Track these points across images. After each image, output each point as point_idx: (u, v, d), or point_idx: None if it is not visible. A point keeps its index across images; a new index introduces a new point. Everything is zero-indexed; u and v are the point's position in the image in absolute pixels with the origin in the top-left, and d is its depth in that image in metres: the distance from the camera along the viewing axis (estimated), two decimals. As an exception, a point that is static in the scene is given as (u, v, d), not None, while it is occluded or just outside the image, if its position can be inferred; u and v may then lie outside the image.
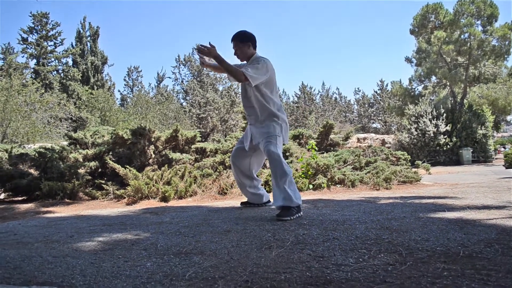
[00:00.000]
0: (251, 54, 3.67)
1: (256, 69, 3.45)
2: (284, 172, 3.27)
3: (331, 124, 9.20)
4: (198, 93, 38.93)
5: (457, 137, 21.24)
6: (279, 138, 3.52)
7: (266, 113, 3.58)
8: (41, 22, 35.55)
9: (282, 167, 3.29)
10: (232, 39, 3.68)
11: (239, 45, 3.65)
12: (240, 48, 3.65)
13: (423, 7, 23.39)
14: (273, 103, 3.61)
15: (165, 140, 7.52)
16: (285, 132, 3.69)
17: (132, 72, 48.58)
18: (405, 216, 3.07)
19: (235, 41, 3.67)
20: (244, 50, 3.66)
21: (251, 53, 3.67)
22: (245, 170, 3.92)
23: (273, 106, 3.60)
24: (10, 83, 18.88)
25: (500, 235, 2.26)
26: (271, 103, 3.59)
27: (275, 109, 3.61)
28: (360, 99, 55.08)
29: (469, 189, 5.36)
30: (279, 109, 3.65)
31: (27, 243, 2.63)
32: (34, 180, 6.40)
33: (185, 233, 2.72)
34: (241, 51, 3.66)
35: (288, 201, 3.19)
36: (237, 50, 3.67)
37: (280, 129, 3.58)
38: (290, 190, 3.24)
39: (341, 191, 6.20)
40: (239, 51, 3.66)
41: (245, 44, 3.65)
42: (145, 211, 4.32)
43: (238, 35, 3.66)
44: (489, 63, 22.95)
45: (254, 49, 3.69)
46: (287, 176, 3.27)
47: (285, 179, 3.26)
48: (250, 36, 3.68)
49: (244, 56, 3.68)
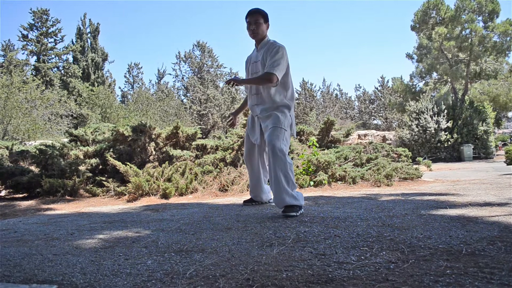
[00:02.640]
0: (265, 36, 3.47)
1: (278, 61, 3.23)
2: (287, 173, 3.11)
3: (332, 120, 9.17)
4: (199, 89, 38.94)
5: (458, 133, 21.20)
6: (286, 132, 3.30)
7: (277, 103, 3.37)
8: (41, 19, 35.53)
9: (286, 167, 3.11)
10: (252, 13, 3.39)
11: (260, 21, 3.39)
12: (260, 25, 3.39)
13: (424, 3, 23.31)
14: (286, 92, 3.40)
15: (165, 137, 7.50)
16: (293, 124, 3.48)
17: (132, 69, 48.58)
18: (407, 213, 3.05)
19: (257, 16, 3.39)
20: (263, 29, 3.42)
21: (265, 35, 3.47)
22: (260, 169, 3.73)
23: (285, 95, 3.40)
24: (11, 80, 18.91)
25: (502, 232, 2.25)
26: (283, 92, 3.39)
27: (287, 99, 3.41)
28: (361, 95, 55.04)
29: (470, 186, 5.34)
30: (291, 98, 3.45)
31: (28, 241, 2.62)
32: (35, 177, 6.39)
33: (186, 231, 2.71)
34: (260, 29, 3.40)
35: (293, 199, 3.11)
36: (256, 26, 3.38)
37: (289, 122, 3.37)
38: (293, 191, 3.15)
39: (342, 188, 6.19)
40: (258, 28, 3.39)
41: (266, 23, 3.45)
42: (145, 208, 4.31)
43: (262, 11, 3.41)
44: (490, 59, 22.87)
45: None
46: (289, 178, 3.13)
47: (288, 180, 3.12)
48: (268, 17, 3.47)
49: (260, 35, 3.42)
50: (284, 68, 3.28)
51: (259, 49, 3.48)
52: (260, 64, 3.41)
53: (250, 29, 3.40)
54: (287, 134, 3.31)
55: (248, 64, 3.66)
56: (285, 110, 3.37)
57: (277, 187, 3.12)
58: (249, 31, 3.42)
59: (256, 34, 3.41)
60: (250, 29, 3.41)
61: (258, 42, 3.48)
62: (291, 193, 3.11)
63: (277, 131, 3.22)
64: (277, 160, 3.11)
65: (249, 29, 3.41)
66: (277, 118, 3.30)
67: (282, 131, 3.24)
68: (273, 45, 3.33)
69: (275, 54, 3.25)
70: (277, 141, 3.16)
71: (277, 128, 3.24)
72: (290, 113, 3.41)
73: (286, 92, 3.40)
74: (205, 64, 43.50)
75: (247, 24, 3.42)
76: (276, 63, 3.21)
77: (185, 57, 44.24)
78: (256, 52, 3.54)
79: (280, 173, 3.10)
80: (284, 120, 3.31)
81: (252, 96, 3.52)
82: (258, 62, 3.44)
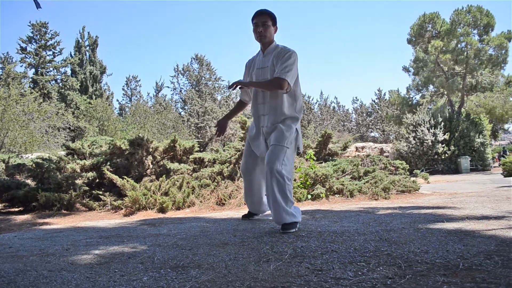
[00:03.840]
0: (273, 40, 3.27)
1: (290, 66, 3.03)
2: (285, 193, 2.98)
3: (330, 133, 9.19)
4: (197, 102, 39.06)
5: (455, 145, 21.26)
6: (289, 150, 3.08)
7: (285, 115, 3.16)
8: (40, 31, 35.68)
9: (284, 188, 2.97)
10: (259, 14, 3.18)
11: (268, 23, 3.18)
12: (268, 27, 3.18)
13: (420, 16, 23.57)
14: (295, 103, 3.20)
15: (163, 150, 7.50)
16: (300, 138, 3.28)
17: (130, 82, 48.68)
18: (404, 227, 3.05)
19: (265, 18, 3.18)
20: (271, 32, 3.21)
21: (273, 39, 3.27)
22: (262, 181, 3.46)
23: (295, 106, 3.20)
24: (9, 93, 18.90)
25: (499, 246, 2.25)
26: (293, 103, 3.19)
27: (297, 111, 3.21)
28: (358, 108, 55.27)
29: (467, 199, 5.34)
30: (300, 110, 3.24)
31: (22, 257, 2.60)
32: (31, 191, 6.36)
33: (183, 246, 2.69)
34: (268, 31, 3.19)
35: (291, 217, 3.03)
36: (264, 28, 3.17)
37: (293, 137, 3.16)
38: (294, 207, 3.09)
39: (339, 201, 6.18)
40: (266, 30, 3.18)
41: (274, 26, 3.25)
42: (142, 223, 4.29)
43: (271, 13, 3.20)
44: (486, 72, 23.06)
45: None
46: (287, 198, 3.00)
47: (286, 197, 3.00)
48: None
49: (268, 38, 3.21)
50: (295, 75, 3.11)
51: (266, 54, 3.25)
52: (269, 70, 3.19)
53: (257, 31, 3.19)
54: (289, 151, 3.09)
55: (250, 68, 3.41)
56: (292, 124, 3.16)
57: (275, 207, 3.01)
58: (256, 33, 3.21)
59: (263, 36, 3.19)
60: (257, 31, 3.20)
61: (265, 46, 3.26)
62: (290, 211, 3.03)
63: (277, 150, 3.02)
64: (275, 181, 2.97)
65: (256, 31, 3.20)
66: (281, 134, 3.10)
67: (283, 149, 3.03)
68: (285, 50, 3.15)
69: (287, 59, 3.06)
70: (277, 162, 2.97)
71: (278, 147, 3.04)
72: (297, 126, 3.21)
73: (295, 103, 3.21)
74: (203, 77, 43.65)
75: (254, 25, 3.21)
76: (288, 68, 3.01)
77: (183, 70, 44.40)
78: (262, 57, 3.30)
79: (279, 194, 2.97)
80: (288, 137, 3.09)
81: (259, 105, 3.27)
82: (266, 68, 3.21)
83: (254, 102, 3.35)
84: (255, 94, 3.32)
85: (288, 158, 3.07)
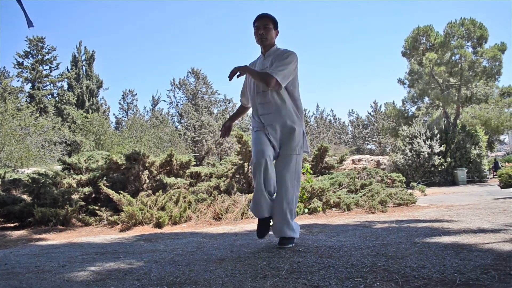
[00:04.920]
0: (274, 43, 3.22)
1: (285, 66, 3.00)
2: (292, 207, 3.02)
3: (326, 147, 9.21)
4: (193, 116, 39.12)
5: (452, 157, 21.34)
6: (299, 156, 3.08)
7: (286, 116, 3.09)
8: (37, 46, 35.84)
9: (292, 202, 3.00)
10: (261, 17, 3.14)
11: (270, 26, 3.14)
12: (270, 30, 3.13)
13: (414, 29, 23.82)
14: (295, 105, 3.15)
15: (159, 164, 7.49)
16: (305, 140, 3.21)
17: (127, 96, 48.76)
18: (401, 241, 3.05)
19: (266, 21, 3.14)
20: (272, 35, 3.16)
21: (274, 42, 3.22)
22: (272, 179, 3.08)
23: (295, 108, 3.15)
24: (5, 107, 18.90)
25: (496, 260, 2.25)
26: (293, 104, 3.14)
27: (298, 113, 3.16)
28: (354, 120, 55.46)
29: (464, 211, 5.35)
30: (301, 112, 3.19)
31: (18, 274, 2.58)
32: (27, 206, 6.33)
33: (179, 262, 2.68)
34: (269, 34, 3.14)
35: (293, 233, 3.04)
36: (265, 31, 3.12)
37: (301, 141, 3.12)
38: (294, 222, 3.09)
39: (336, 215, 6.18)
40: (267, 33, 3.13)
41: (275, 30, 3.21)
42: (138, 238, 4.27)
43: (272, 16, 3.17)
44: (480, 84, 23.27)
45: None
46: (293, 212, 3.04)
47: (292, 214, 3.04)
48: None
49: (269, 41, 3.16)
50: (290, 75, 3.05)
51: (267, 56, 3.21)
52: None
53: (258, 33, 3.14)
54: (299, 157, 3.10)
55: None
56: (298, 128, 3.12)
57: (280, 218, 3.00)
58: (257, 36, 3.16)
59: (264, 39, 3.14)
60: (258, 33, 3.15)
61: (266, 49, 3.21)
62: (292, 226, 3.03)
63: (287, 161, 3.03)
64: (285, 193, 2.98)
65: (257, 33, 3.15)
66: (290, 143, 3.06)
67: (293, 158, 3.04)
68: (284, 51, 3.14)
69: (284, 58, 3.05)
70: (287, 173, 2.99)
71: (288, 156, 3.04)
72: (302, 129, 3.16)
73: (296, 105, 3.17)
74: (199, 90, 43.79)
75: (255, 28, 3.17)
76: (281, 68, 2.99)
77: (179, 84, 44.55)
78: (262, 59, 3.25)
79: (287, 206, 2.98)
80: (297, 144, 3.07)
81: (259, 105, 3.19)
82: (265, 70, 3.13)
83: (252, 102, 3.29)
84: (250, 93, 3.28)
85: (298, 163, 3.09)
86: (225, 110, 43.73)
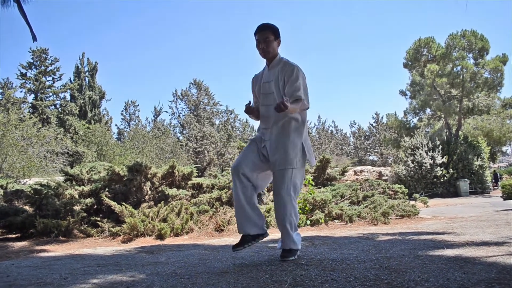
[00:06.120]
0: (277, 53, 3.16)
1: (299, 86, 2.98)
2: (292, 219, 2.98)
3: (328, 158, 9.21)
4: (195, 127, 39.20)
5: (454, 168, 21.29)
6: (295, 169, 2.99)
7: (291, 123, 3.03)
8: (40, 57, 36.07)
9: (291, 214, 2.96)
10: (260, 29, 3.08)
11: (271, 39, 3.08)
12: (271, 42, 3.08)
13: (416, 41, 23.93)
14: (294, 116, 3.04)
15: (161, 176, 7.50)
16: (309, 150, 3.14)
17: (129, 107, 48.91)
18: (404, 254, 3.03)
19: (266, 33, 3.07)
20: (274, 47, 3.10)
21: (277, 53, 3.16)
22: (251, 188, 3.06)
23: (296, 118, 3.05)
24: (8, 118, 18.98)
25: (500, 274, 2.24)
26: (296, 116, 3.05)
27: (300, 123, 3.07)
28: (356, 131, 55.44)
29: (467, 224, 5.33)
30: (303, 121, 3.10)
31: (20, 286, 2.57)
32: (29, 217, 6.32)
33: (181, 274, 2.67)
34: (271, 47, 3.09)
35: (294, 245, 3.03)
36: (266, 44, 3.07)
37: (299, 154, 3.03)
38: (296, 234, 3.06)
39: (339, 227, 6.16)
40: (269, 47, 3.08)
41: (277, 40, 3.13)
42: (140, 250, 4.26)
43: (272, 26, 3.10)
44: (482, 95, 23.30)
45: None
46: (293, 223, 3.00)
47: (292, 226, 3.00)
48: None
49: (271, 54, 3.11)
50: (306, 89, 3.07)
51: (271, 68, 3.17)
52: (273, 84, 3.12)
53: (260, 47, 3.10)
54: (296, 171, 3.00)
55: (256, 84, 3.31)
56: (296, 139, 3.03)
57: (280, 231, 3.03)
58: (259, 50, 3.13)
59: (266, 53, 3.10)
60: (259, 47, 3.11)
61: (270, 61, 3.17)
62: (293, 238, 3.02)
63: (282, 175, 2.96)
64: (283, 206, 2.95)
65: (259, 47, 3.12)
66: (285, 156, 2.97)
67: (288, 172, 2.96)
68: (288, 66, 3.07)
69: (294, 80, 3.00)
70: (283, 188, 2.94)
71: (282, 171, 2.96)
72: (301, 140, 3.07)
73: (300, 115, 3.09)
74: (201, 101, 43.96)
75: (256, 42, 3.12)
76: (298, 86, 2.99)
77: (181, 95, 44.74)
78: (267, 71, 3.21)
79: (286, 219, 2.96)
80: (293, 158, 2.98)
81: (262, 107, 3.19)
82: (271, 82, 3.13)
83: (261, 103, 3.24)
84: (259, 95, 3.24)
85: (295, 176, 3.01)
86: (226, 121, 43.82)
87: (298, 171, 3.05)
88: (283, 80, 3.08)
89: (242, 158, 3.07)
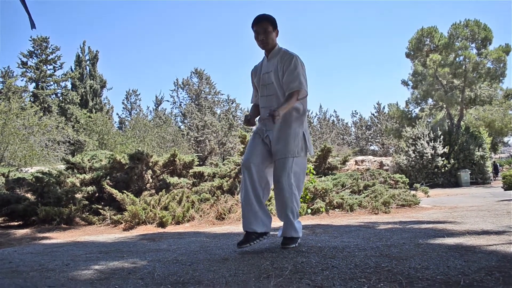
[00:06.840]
0: (276, 44, 3.15)
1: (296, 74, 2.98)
2: (294, 207, 3.00)
3: (329, 148, 9.21)
4: (196, 116, 39.17)
5: (455, 159, 21.28)
6: (296, 158, 3.02)
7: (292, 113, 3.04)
8: (41, 46, 35.97)
9: (293, 202, 2.98)
10: (258, 21, 3.06)
11: (269, 30, 3.06)
12: (269, 33, 3.06)
13: (418, 31, 23.76)
14: (300, 106, 3.08)
15: (162, 164, 7.51)
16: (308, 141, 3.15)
17: (130, 96, 48.83)
18: (405, 242, 3.04)
19: (265, 24, 3.06)
20: (272, 37, 3.10)
21: (276, 43, 3.15)
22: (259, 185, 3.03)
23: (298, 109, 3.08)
24: (9, 107, 18.97)
25: (500, 262, 2.24)
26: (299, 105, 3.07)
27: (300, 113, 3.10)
28: (357, 121, 55.40)
29: (468, 213, 5.33)
30: (304, 112, 3.14)
31: (22, 272, 2.58)
32: (31, 205, 6.35)
33: (183, 261, 2.68)
34: (270, 38, 3.08)
35: (295, 233, 3.05)
36: (265, 35, 3.06)
37: (300, 143, 3.06)
38: (297, 222, 3.07)
39: (339, 216, 6.17)
40: (267, 37, 3.07)
41: (275, 30, 3.12)
42: (142, 237, 4.28)
43: (270, 17, 3.07)
44: (484, 85, 23.17)
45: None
46: (295, 211, 3.02)
47: (294, 214, 3.02)
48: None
49: (270, 44, 3.12)
50: (305, 76, 3.06)
51: (270, 58, 3.17)
52: (273, 75, 3.12)
53: (259, 39, 3.10)
54: (297, 160, 3.04)
55: (256, 75, 3.32)
56: (297, 128, 3.07)
57: (282, 218, 3.06)
58: (258, 41, 3.12)
59: (266, 44, 3.10)
60: (258, 39, 3.10)
61: (268, 51, 3.17)
62: (294, 226, 3.03)
63: (282, 164, 2.98)
64: (283, 194, 2.97)
65: (258, 39, 3.11)
66: (286, 145, 3.00)
67: (289, 160, 2.97)
68: (287, 56, 3.08)
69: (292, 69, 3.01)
70: (283, 176, 2.95)
71: (282, 160, 2.98)
72: (303, 129, 3.11)
73: (301, 105, 3.11)
74: (202, 91, 43.86)
75: (255, 33, 3.12)
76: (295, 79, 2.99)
77: (183, 84, 44.61)
78: (266, 62, 3.22)
79: (287, 207, 2.98)
80: (295, 147, 3.00)
81: (262, 97, 3.23)
82: (270, 73, 3.14)
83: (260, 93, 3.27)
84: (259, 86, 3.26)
85: (297, 164, 3.05)
86: (228, 110, 43.77)
87: (299, 160, 3.08)
88: (282, 69, 3.08)
89: (251, 152, 3.07)
